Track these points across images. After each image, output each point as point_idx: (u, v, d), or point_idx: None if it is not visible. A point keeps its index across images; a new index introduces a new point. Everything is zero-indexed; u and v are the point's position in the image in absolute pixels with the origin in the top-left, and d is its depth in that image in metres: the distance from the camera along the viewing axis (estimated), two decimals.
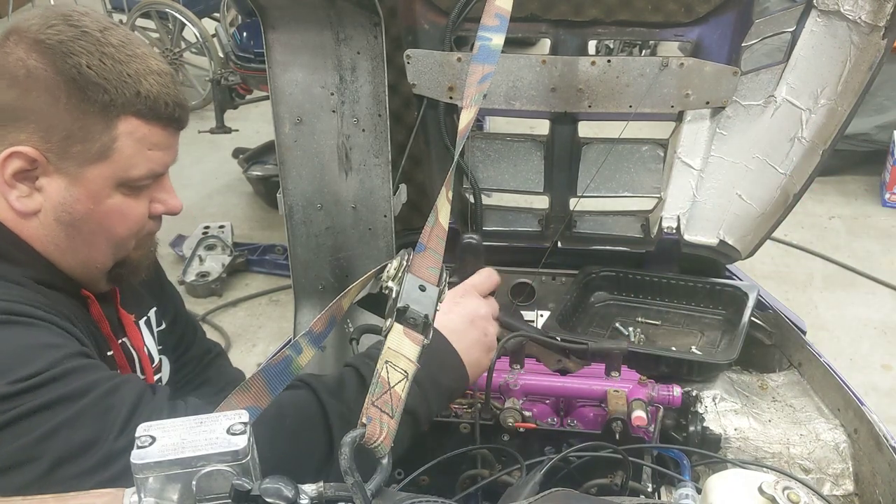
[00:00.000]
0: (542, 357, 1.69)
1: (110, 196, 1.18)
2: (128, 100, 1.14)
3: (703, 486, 0.94)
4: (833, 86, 1.82)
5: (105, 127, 1.14)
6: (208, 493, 0.69)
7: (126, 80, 1.14)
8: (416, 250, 1.01)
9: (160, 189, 1.26)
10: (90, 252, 1.23)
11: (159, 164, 1.22)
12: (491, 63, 1.22)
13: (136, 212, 1.23)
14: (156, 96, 1.16)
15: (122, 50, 1.15)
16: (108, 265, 1.27)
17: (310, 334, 0.92)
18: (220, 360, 1.72)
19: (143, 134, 1.17)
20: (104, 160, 1.15)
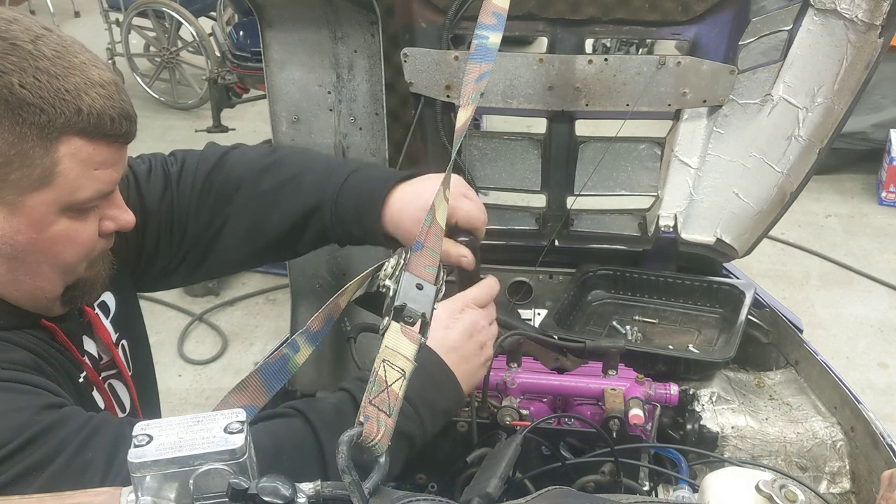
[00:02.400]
0: (540, 355, 1.69)
1: (55, 222, 1.08)
2: (68, 119, 1.02)
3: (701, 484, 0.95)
4: (830, 84, 1.82)
5: (45, 150, 1.02)
6: (205, 492, 0.69)
7: (65, 97, 1.02)
8: (413, 249, 1.01)
9: (110, 206, 1.17)
10: (35, 282, 1.13)
11: (107, 183, 1.11)
12: (488, 61, 1.22)
13: (84, 234, 1.13)
14: (99, 112, 1.04)
15: (57, 62, 1.02)
16: (57, 292, 1.17)
17: (307, 332, 0.92)
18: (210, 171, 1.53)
19: (88, 154, 1.06)
20: (46, 186, 1.04)
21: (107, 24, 6.99)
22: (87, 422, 1.02)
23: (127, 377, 1.38)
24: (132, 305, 1.48)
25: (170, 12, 6.54)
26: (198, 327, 4.46)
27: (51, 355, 1.16)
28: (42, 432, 0.96)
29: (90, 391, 1.25)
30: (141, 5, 6.61)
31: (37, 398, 1.02)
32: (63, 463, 0.95)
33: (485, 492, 1.17)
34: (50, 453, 0.96)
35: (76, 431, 0.99)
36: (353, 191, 1.40)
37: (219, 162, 1.48)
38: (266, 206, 1.44)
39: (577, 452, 1.51)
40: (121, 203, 1.19)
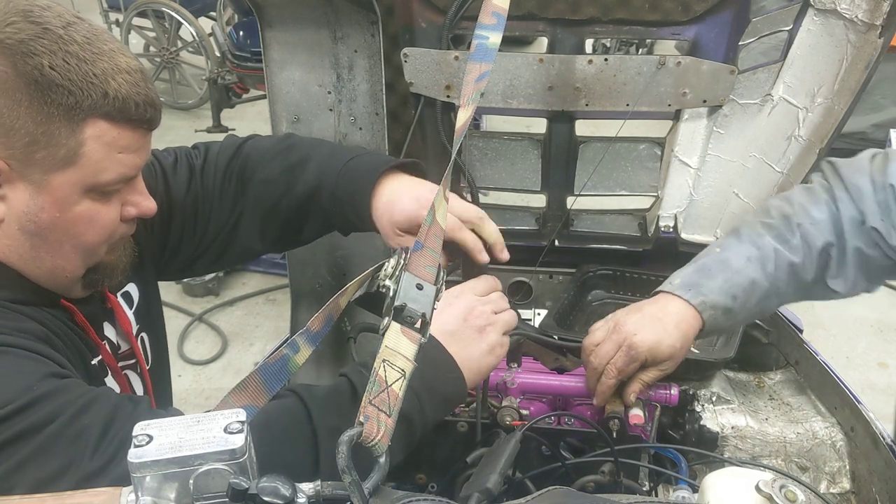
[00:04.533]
0: (540, 355, 1.69)
1: (78, 203, 1.11)
2: (94, 101, 1.06)
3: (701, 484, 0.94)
4: (830, 84, 1.82)
5: (71, 131, 1.06)
6: (205, 492, 0.69)
7: (92, 81, 1.05)
8: (413, 249, 1.01)
9: (132, 191, 1.19)
10: (56, 261, 1.16)
11: (130, 168, 1.14)
12: (488, 61, 1.22)
13: (106, 217, 1.16)
14: (125, 97, 1.08)
15: (87, 48, 1.06)
16: (78, 273, 1.20)
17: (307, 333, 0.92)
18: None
19: (112, 137, 1.09)
20: (71, 166, 1.08)
21: (107, 24, 7.00)
22: (86, 391, 1.03)
23: (144, 369, 1.40)
24: (155, 300, 1.51)
25: (170, 12, 6.55)
26: (198, 327, 4.46)
27: (65, 334, 1.18)
28: (41, 397, 0.98)
29: (103, 376, 1.26)
30: (141, 5, 6.61)
31: (40, 365, 1.04)
32: (58, 428, 0.97)
33: (484, 487, 1.18)
34: (46, 418, 0.97)
35: (75, 399, 1.00)
36: (350, 175, 1.42)
37: (237, 151, 1.51)
38: (277, 189, 1.46)
39: (577, 452, 1.51)
40: (143, 190, 1.22)
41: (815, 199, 1.55)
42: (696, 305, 1.48)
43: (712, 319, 1.48)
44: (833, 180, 1.55)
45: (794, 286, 1.53)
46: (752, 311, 1.54)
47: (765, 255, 1.51)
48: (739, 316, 1.53)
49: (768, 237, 1.53)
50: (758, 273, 1.50)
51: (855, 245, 1.49)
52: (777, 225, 1.54)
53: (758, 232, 1.55)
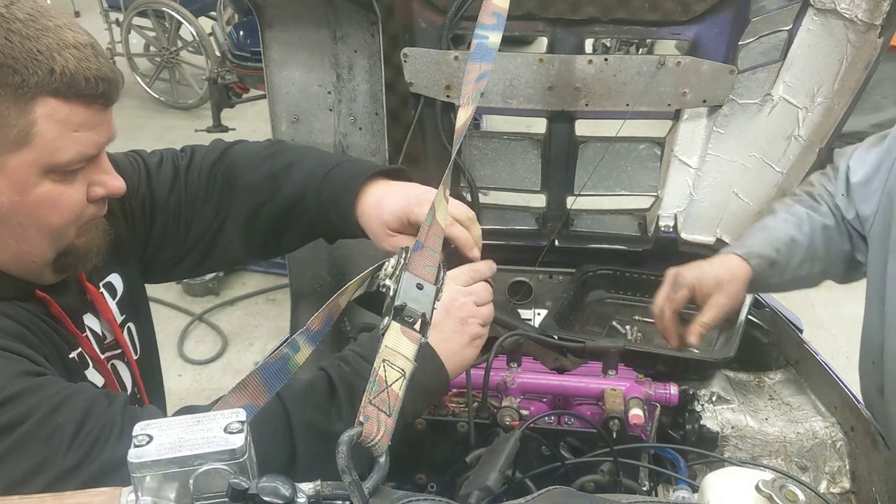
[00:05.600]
0: (540, 355, 1.69)
1: (38, 185, 1.09)
2: (41, 79, 1.03)
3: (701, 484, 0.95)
4: (830, 84, 1.82)
5: (20, 111, 1.03)
6: (205, 492, 0.69)
7: (37, 58, 1.03)
8: (413, 249, 1.01)
9: (97, 171, 1.16)
10: (22, 246, 1.13)
11: (88, 146, 1.11)
12: (488, 61, 1.22)
13: (70, 198, 1.13)
14: (73, 72, 1.05)
15: (30, 24, 1.04)
16: (47, 257, 1.17)
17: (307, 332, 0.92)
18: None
19: (65, 114, 1.07)
20: (24, 146, 1.05)
21: (107, 24, 7.00)
22: (61, 389, 1.02)
23: (131, 359, 1.39)
24: (139, 291, 1.50)
25: (170, 12, 6.55)
26: (198, 327, 4.46)
27: (39, 328, 1.16)
28: (14, 396, 0.97)
29: (83, 369, 1.25)
30: (141, 5, 6.61)
31: (13, 363, 1.03)
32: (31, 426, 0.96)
33: (484, 485, 1.18)
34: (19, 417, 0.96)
35: (49, 397, 0.99)
36: (335, 180, 1.42)
37: (223, 155, 1.50)
38: (261, 195, 1.46)
39: (577, 452, 1.51)
40: (109, 169, 1.19)
41: (829, 178, 1.70)
42: (741, 254, 1.59)
43: (759, 268, 1.58)
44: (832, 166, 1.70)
45: (835, 252, 1.63)
46: (798, 272, 1.63)
47: (799, 219, 1.64)
48: (786, 273, 1.61)
49: (799, 206, 1.67)
50: (795, 231, 1.62)
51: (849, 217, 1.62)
52: (804, 199, 1.68)
53: (789, 204, 1.69)
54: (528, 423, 1.43)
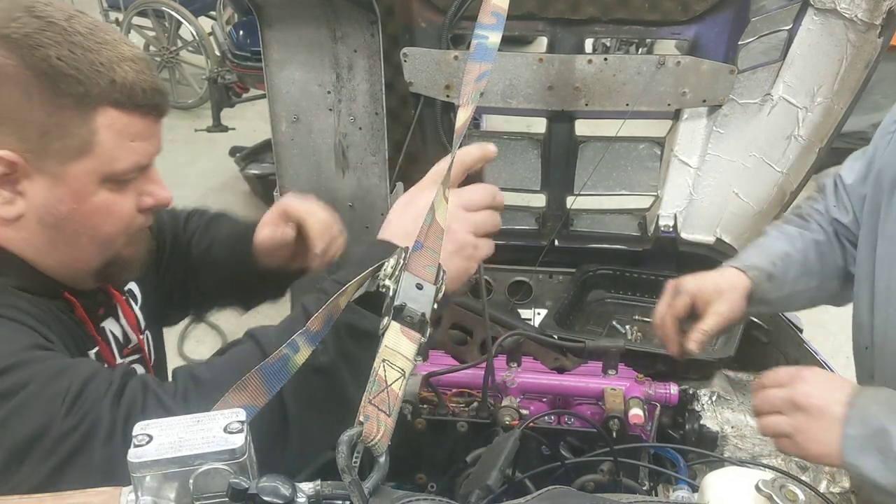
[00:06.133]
0: (540, 355, 1.69)
1: (95, 193, 1.12)
2: (103, 90, 1.07)
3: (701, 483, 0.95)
4: (829, 84, 1.82)
5: (82, 120, 1.07)
6: (205, 492, 0.69)
7: (99, 69, 1.07)
8: (413, 249, 1.01)
9: (147, 181, 1.20)
10: (73, 252, 1.17)
11: (143, 156, 1.15)
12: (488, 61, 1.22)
13: (123, 207, 1.17)
14: (132, 84, 1.09)
15: (90, 38, 1.08)
16: (94, 265, 1.20)
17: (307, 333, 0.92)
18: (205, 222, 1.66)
19: (123, 124, 1.11)
20: (86, 155, 1.09)
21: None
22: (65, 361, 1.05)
23: (149, 364, 1.41)
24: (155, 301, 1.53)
25: (169, 12, 6.55)
26: (198, 327, 4.46)
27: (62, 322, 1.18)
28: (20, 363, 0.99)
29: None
30: (141, 5, 6.61)
31: (26, 337, 1.05)
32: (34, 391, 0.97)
33: (485, 484, 1.18)
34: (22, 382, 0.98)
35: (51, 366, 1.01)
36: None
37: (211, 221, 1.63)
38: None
39: (577, 452, 1.51)
40: (158, 179, 1.22)
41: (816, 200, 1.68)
42: (738, 266, 1.58)
43: (757, 279, 1.56)
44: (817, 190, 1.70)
45: (829, 267, 1.62)
46: (796, 285, 1.61)
47: (791, 236, 1.63)
48: (785, 287, 1.60)
49: (788, 226, 1.66)
50: (788, 246, 1.61)
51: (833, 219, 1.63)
52: (793, 219, 1.68)
53: (779, 226, 1.68)
54: (527, 422, 1.43)
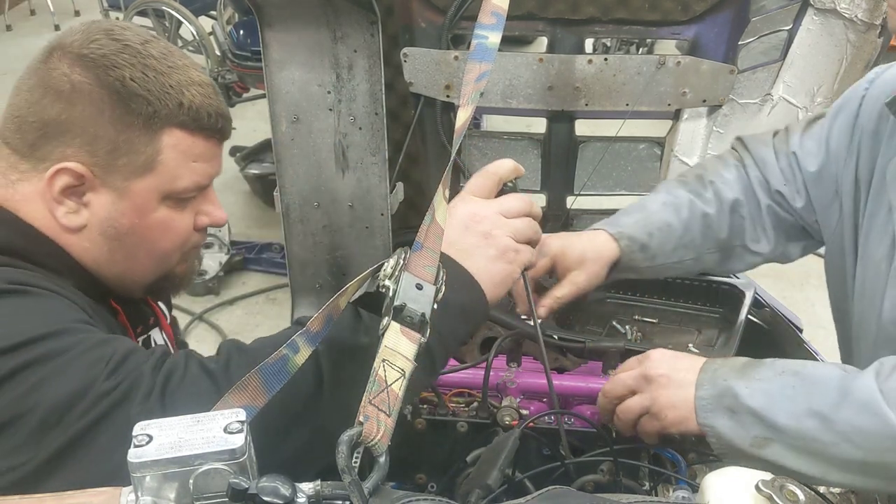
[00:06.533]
0: (540, 355, 1.69)
1: (156, 209, 1.19)
2: (171, 111, 1.14)
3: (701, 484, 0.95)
4: (829, 84, 1.82)
5: (149, 139, 1.14)
6: (205, 492, 0.69)
7: (168, 92, 1.14)
8: (413, 249, 1.01)
9: (205, 201, 1.26)
10: (130, 265, 1.22)
11: (204, 176, 1.22)
12: (488, 61, 1.22)
13: (180, 225, 1.23)
14: (198, 107, 1.17)
15: (163, 61, 1.15)
16: (147, 279, 1.26)
17: (307, 333, 0.92)
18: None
19: (187, 145, 1.17)
20: (149, 172, 1.16)
21: None
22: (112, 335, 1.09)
23: None
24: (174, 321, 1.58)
25: (170, 11, 6.54)
26: (198, 326, 4.46)
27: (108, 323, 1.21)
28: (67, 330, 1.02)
29: None
30: (141, 4, 6.61)
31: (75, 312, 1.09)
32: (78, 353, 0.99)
33: (484, 483, 1.18)
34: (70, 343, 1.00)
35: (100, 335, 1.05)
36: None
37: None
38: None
39: (577, 452, 1.51)
40: (215, 200, 1.28)
41: (726, 163, 1.66)
42: (612, 233, 1.56)
43: (628, 250, 1.56)
44: (742, 152, 1.65)
45: (710, 241, 1.62)
46: (671, 257, 1.62)
47: (679, 203, 1.61)
48: (658, 258, 1.60)
49: (683, 190, 1.63)
50: (672, 217, 1.59)
51: (767, 203, 1.59)
52: (691, 181, 1.65)
53: (675, 185, 1.66)
54: (527, 421, 1.43)
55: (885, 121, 1.40)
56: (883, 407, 1.13)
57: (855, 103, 1.48)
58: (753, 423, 1.22)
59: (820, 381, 1.21)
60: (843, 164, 1.49)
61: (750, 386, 1.24)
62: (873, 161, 1.43)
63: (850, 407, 1.16)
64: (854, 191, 1.47)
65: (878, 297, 1.39)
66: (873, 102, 1.44)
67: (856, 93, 1.49)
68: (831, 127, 1.52)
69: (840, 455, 1.16)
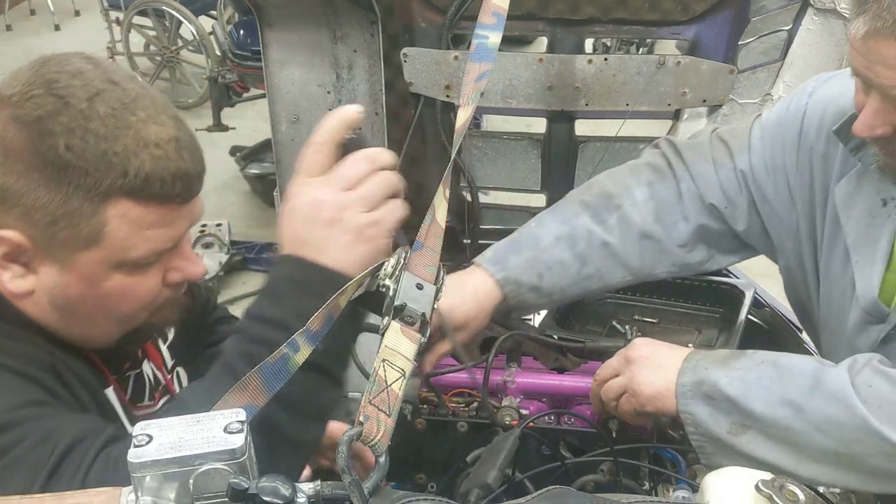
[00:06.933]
0: (540, 355, 1.70)
1: (108, 278, 1.06)
2: (114, 181, 1.00)
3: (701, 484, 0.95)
4: None
5: (92, 211, 1.01)
6: (205, 492, 0.69)
7: (111, 160, 0.99)
8: (413, 248, 1.01)
9: (176, 256, 1.12)
10: (87, 329, 1.13)
11: (163, 242, 1.08)
12: (488, 61, 1.22)
13: (143, 288, 1.10)
14: (149, 174, 1.01)
15: (110, 122, 1.00)
16: (114, 337, 1.15)
17: (307, 332, 0.92)
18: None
19: (137, 214, 1.03)
20: (95, 245, 1.03)
21: (107, 23, 7.00)
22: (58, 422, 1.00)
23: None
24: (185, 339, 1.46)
25: (170, 11, 6.54)
26: None
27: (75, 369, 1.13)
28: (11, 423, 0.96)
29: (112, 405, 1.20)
30: (141, 4, 6.61)
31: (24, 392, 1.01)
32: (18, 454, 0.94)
33: (484, 482, 1.18)
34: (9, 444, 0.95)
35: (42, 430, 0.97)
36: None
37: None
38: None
39: (577, 452, 1.51)
40: (188, 255, 1.15)
41: (638, 178, 1.59)
42: (498, 280, 1.51)
43: (515, 295, 1.53)
44: (675, 163, 1.59)
45: (619, 269, 1.57)
46: (571, 291, 1.58)
47: (575, 234, 1.54)
48: (554, 295, 1.56)
49: (584, 216, 1.55)
50: (565, 253, 1.53)
51: (698, 222, 1.55)
52: (595, 202, 1.57)
53: (574, 210, 1.58)
54: (527, 421, 1.43)
55: (835, 146, 1.39)
56: (853, 398, 1.15)
57: (797, 119, 1.47)
58: (730, 411, 1.24)
59: (795, 370, 1.23)
60: (796, 182, 1.48)
61: (729, 375, 1.26)
62: (826, 183, 1.43)
63: (821, 396, 1.18)
64: (809, 212, 1.47)
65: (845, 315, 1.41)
66: (817, 120, 1.43)
67: (797, 106, 1.48)
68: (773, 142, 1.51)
69: (812, 445, 1.18)
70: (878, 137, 1.22)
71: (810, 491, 0.86)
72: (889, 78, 1.12)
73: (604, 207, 1.56)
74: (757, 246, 1.62)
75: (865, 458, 1.16)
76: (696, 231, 1.57)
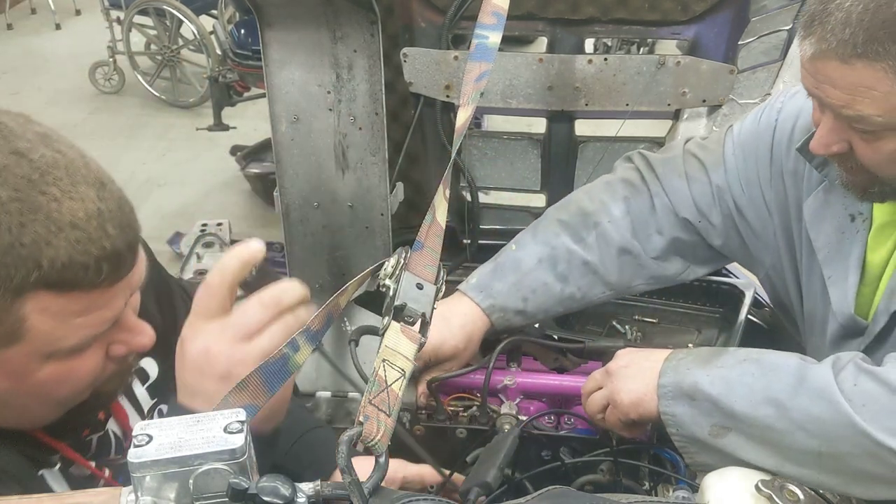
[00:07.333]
0: (540, 355, 1.69)
1: (39, 369, 0.95)
2: (26, 276, 0.87)
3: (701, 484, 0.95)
4: None
5: (7, 308, 0.89)
6: (205, 492, 0.69)
7: (20, 253, 0.86)
8: (413, 248, 1.01)
9: (118, 331, 1.01)
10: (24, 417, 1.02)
11: (96, 326, 0.96)
12: (488, 61, 1.22)
13: (82, 370, 0.99)
14: (66, 263, 0.88)
15: (13, 207, 0.86)
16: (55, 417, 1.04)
17: (307, 332, 0.92)
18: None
19: (60, 306, 0.91)
20: (17, 342, 0.92)
21: (108, 23, 6.99)
22: None
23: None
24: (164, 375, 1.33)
25: (171, 10, 6.54)
26: None
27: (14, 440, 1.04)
28: None
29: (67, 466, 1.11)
30: (142, 3, 6.61)
31: None
32: None
33: (483, 481, 1.18)
34: None
35: None
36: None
37: None
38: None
39: (577, 452, 1.51)
40: (132, 325, 1.04)
41: (614, 194, 1.60)
42: (484, 308, 1.53)
43: (502, 321, 1.55)
44: (649, 178, 1.60)
45: (599, 285, 1.58)
46: (554, 309, 1.60)
47: (556, 255, 1.55)
48: (538, 315, 1.59)
49: (564, 236, 1.57)
50: (547, 275, 1.55)
51: (672, 235, 1.56)
52: (574, 221, 1.58)
53: (553, 231, 1.59)
54: (527, 420, 1.43)
55: (803, 163, 1.40)
56: (837, 395, 1.13)
57: (768, 134, 1.47)
58: (711, 412, 1.22)
59: (778, 368, 1.21)
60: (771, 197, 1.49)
61: (710, 374, 1.24)
62: (799, 199, 1.43)
63: (805, 394, 1.16)
64: (787, 226, 1.47)
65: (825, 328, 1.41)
66: (787, 136, 1.44)
67: (768, 121, 1.48)
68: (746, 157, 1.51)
69: (795, 445, 1.15)
70: (835, 154, 1.22)
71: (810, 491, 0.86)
72: (837, 98, 1.12)
73: (582, 226, 1.57)
74: (736, 259, 1.62)
75: (849, 459, 1.13)
76: (670, 244, 1.58)
